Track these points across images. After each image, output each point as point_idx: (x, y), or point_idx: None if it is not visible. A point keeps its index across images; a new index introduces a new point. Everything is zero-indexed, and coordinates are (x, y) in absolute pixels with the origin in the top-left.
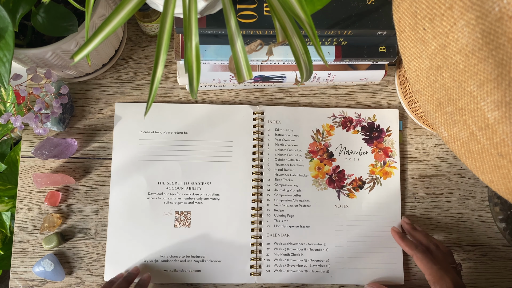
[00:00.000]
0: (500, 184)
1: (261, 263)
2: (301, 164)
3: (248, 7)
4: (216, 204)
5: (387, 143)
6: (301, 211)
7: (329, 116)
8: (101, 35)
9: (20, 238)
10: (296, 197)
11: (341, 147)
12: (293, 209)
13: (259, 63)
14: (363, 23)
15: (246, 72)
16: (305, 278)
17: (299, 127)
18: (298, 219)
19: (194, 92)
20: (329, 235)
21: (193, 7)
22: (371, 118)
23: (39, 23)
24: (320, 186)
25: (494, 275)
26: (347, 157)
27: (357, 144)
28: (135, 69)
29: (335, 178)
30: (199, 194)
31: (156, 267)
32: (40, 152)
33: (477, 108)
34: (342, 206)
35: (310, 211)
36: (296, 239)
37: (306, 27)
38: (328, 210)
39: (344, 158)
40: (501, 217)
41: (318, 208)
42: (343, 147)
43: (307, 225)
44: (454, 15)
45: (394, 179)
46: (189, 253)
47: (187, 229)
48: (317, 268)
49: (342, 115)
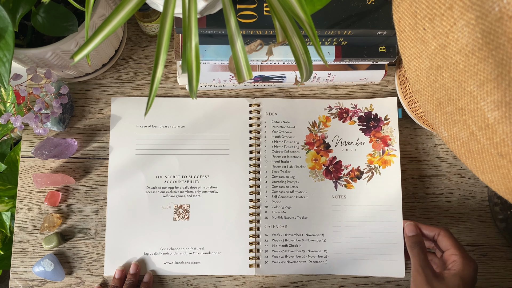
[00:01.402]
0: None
1: (259, 254)
2: (298, 155)
3: (248, 7)
4: (214, 197)
5: (386, 132)
6: (298, 202)
7: (325, 108)
8: (101, 35)
9: (20, 238)
10: (293, 189)
11: (337, 138)
12: (290, 200)
13: (259, 63)
14: (363, 23)
15: (246, 72)
16: (304, 269)
17: (296, 119)
18: (296, 211)
19: (194, 92)
20: (327, 226)
21: (193, 7)
22: (368, 108)
23: (39, 23)
24: (317, 177)
25: (494, 275)
26: (344, 148)
27: (354, 135)
28: (135, 69)
29: (332, 169)
30: (197, 187)
31: (156, 260)
32: (40, 152)
33: (477, 108)
34: (339, 197)
35: (307, 203)
36: (294, 230)
37: (306, 27)
38: (325, 201)
39: (341, 149)
40: (501, 217)
41: (316, 199)
42: (339, 138)
43: (304, 216)
44: (454, 15)
45: (394, 167)
46: (188, 246)
47: (186, 222)
48: (315, 259)
49: (338, 106)
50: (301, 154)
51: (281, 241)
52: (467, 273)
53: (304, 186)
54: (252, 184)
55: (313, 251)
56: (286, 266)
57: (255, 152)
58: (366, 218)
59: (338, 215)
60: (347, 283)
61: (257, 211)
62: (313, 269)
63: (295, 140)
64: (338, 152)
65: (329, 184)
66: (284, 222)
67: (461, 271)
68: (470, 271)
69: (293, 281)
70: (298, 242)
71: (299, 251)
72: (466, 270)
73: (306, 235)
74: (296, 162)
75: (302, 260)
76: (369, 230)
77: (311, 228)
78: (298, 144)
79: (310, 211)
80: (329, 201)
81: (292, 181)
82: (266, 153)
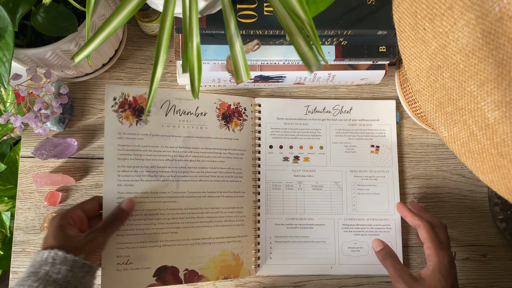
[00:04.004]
0: (500, 184)
1: (260, 254)
2: None
3: (248, 7)
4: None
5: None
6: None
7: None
8: (101, 35)
9: (20, 238)
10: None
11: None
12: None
13: (259, 63)
14: (363, 23)
15: (245, 72)
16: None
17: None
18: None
19: (196, 92)
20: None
21: (194, 6)
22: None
23: (39, 23)
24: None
25: (494, 275)
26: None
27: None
28: (135, 69)
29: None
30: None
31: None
32: (40, 152)
33: (477, 108)
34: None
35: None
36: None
37: (307, 27)
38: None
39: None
40: (501, 217)
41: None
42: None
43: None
44: (454, 15)
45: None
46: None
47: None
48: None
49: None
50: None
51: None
52: (443, 265)
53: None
54: (253, 184)
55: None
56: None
57: (256, 152)
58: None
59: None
60: (347, 283)
61: (257, 211)
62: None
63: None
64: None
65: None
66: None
67: (437, 265)
68: (445, 262)
69: (293, 281)
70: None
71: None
72: (441, 262)
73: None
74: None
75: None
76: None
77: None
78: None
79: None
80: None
81: None
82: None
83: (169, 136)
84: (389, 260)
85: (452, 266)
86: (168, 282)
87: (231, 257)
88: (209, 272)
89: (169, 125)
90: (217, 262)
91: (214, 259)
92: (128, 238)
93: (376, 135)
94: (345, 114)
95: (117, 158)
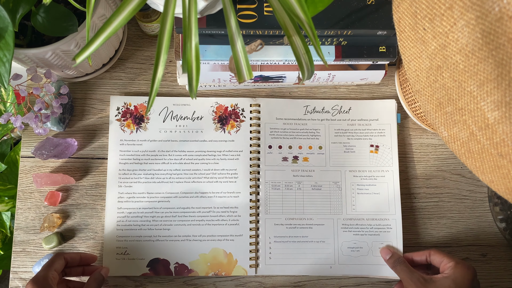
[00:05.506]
0: (500, 184)
1: (259, 254)
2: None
3: (248, 7)
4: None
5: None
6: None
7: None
8: (102, 36)
9: (20, 238)
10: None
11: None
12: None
13: (259, 63)
14: (363, 23)
15: (247, 72)
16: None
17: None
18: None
19: (194, 92)
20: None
21: (193, 7)
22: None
23: (39, 23)
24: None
25: (494, 275)
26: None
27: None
28: (135, 69)
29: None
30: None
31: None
32: (40, 152)
33: (477, 108)
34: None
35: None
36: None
37: (306, 27)
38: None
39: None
40: (501, 217)
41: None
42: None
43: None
44: (454, 15)
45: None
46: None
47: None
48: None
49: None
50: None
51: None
52: (460, 276)
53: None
54: (252, 184)
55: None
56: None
57: (255, 152)
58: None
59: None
60: (347, 283)
61: (257, 211)
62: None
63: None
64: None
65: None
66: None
67: (452, 274)
68: (464, 274)
69: (293, 281)
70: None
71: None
72: (458, 273)
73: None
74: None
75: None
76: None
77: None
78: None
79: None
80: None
81: None
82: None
83: (165, 141)
84: (399, 266)
85: (471, 281)
86: (160, 273)
87: (222, 255)
88: (199, 267)
89: (166, 131)
90: (208, 258)
91: (204, 255)
92: (126, 233)
93: (376, 135)
94: (344, 114)
95: (118, 163)
